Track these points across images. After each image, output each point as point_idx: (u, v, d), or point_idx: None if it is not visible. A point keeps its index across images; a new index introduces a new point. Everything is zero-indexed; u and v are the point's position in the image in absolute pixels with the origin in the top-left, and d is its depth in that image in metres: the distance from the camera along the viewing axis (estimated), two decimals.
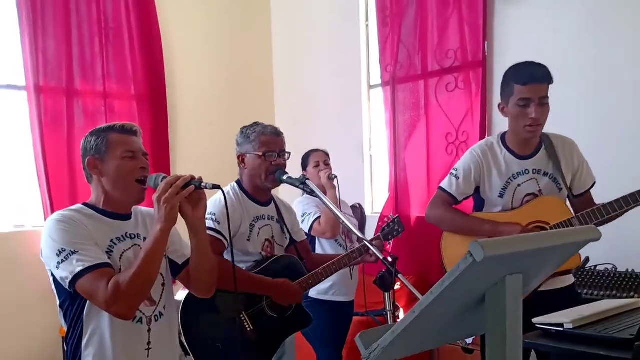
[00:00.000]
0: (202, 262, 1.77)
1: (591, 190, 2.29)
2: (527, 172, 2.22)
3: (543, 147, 2.24)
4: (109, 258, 1.65)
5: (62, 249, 1.59)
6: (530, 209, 2.20)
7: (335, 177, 3.06)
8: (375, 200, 4.49)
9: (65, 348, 1.73)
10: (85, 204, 1.75)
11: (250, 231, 2.26)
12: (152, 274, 1.62)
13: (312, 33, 4.78)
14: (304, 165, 3.19)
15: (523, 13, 3.43)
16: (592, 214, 2.11)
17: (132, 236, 1.75)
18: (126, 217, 1.77)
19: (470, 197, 2.34)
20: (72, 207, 1.74)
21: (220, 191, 1.77)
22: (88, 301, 1.63)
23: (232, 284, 1.84)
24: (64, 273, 1.58)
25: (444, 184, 2.33)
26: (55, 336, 3.73)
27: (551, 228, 2.15)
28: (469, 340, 3.13)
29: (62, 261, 1.58)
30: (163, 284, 1.79)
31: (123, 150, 1.70)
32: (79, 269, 1.56)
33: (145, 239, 1.74)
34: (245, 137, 2.28)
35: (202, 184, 1.66)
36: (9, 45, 3.85)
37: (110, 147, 1.70)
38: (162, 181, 1.65)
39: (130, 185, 1.71)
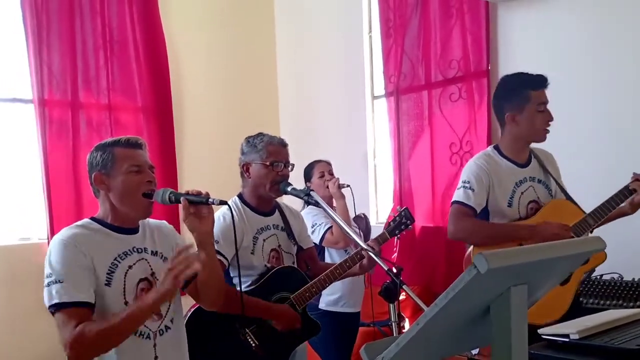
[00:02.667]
0: (210, 275, 1.78)
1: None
2: (526, 180, 2.28)
3: (533, 156, 2.33)
4: (111, 276, 1.65)
5: (50, 273, 1.61)
6: (548, 214, 2.23)
7: (348, 186, 3.05)
8: (379, 210, 4.49)
9: None
10: (92, 219, 1.76)
11: (254, 244, 2.25)
12: (127, 334, 1.61)
13: (316, 44, 4.80)
14: (308, 177, 3.18)
15: (526, 22, 3.44)
16: (601, 210, 2.18)
17: (140, 250, 1.75)
18: (133, 230, 1.77)
19: None
20: (79, 223, 1.74)
21: (220, 209, 1.78)
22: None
23: (234, 308, 1.88)
24: (45, 297, 1.61)
25: (460, 197, 2.27)
26: (60, 349, 3.72)
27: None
28: (475, 352, 3.11)
29: (47, 285, 1.61)
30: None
31: (129, 165, 1.71)
32: (54, 300, 1.58)
33: (152, 252, 1.76)
34: (251, 146, 2.28)
35: (210, 200, 1.68)
36: (14, 59, 3.89)
37: (116, 161, 1.71)
38: (169, 196, 1.68)
39: (137, 200, 1.71)
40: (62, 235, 1.67)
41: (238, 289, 1.92)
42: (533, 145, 2.33)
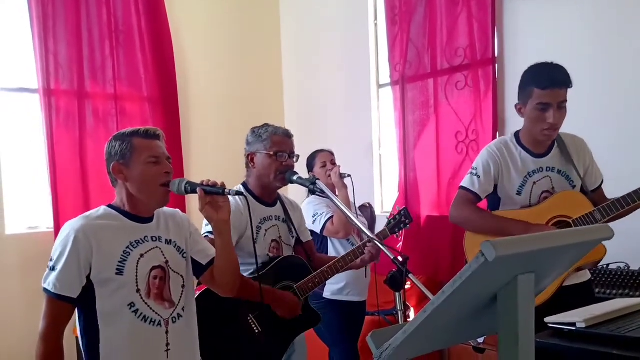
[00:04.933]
0: (227, 262, 1.83)
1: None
2: (541, 169, 2.25)
3: (556, 145, 2.27)
4: (123, 264, 1.68)
5: (51, 258, 1.69)
6: (552, 204, 2.21)
7: (349, 175, 3.05)
8: (384, 199, 4.49)
9: (82, 349, 1.76)
10: (109, 206, 1.79)
11: (257, 233, 2.26)
12: None
13: (321, 33, 4.78)
14: (310, 166, 3.17)
15: (532, 9, 3.40)
16: (613, 205, 2.12)
17: (154, 239, 1.78)
18: (148, 219, 1.79)
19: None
20: (95, 211, 1.77)
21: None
22: (101, 302, 1.68)
23: (243, 291, 1.92)
24: (44, 276, 1.69)
25: (466, 183, 2.31)
26: (70, 336, 3.75)
27: (574, 222, 2.17)
28: (480, 340, 3.11)
29: (47, 267, 1.69)
30: (183, 286, 1.81)
31: (147, 156, 1.73)
32: (44, 285, 1.69)
33: (166, 241, 1.79)
34: (257, 136, 2.29)
35: (226, 191, 1.73)
36: (20, 49, 3.89)
37: (134, 152, 1.73)
38: (185, 187, 1.72)
39: (154, 190, 1.74)
40: (74, 224, 1.70)
41: (246, 274, 1.93)
42: (563, 130, 2.27)
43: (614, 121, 3.09)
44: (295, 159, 2.32)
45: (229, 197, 1.98)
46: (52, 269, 1.67)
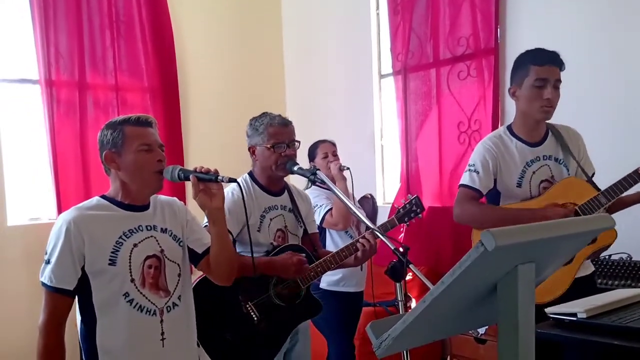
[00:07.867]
0: (222, 251, 1.81)
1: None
2: (538, 159, 2.24)
3: (550, 133, 2.27)
4: (115, 254, 1.67)
5: (46, 251, 1.68)
6: (557, 192, 2.20)
7: (348, 168, 3.04)
8: (386, 190, 4.47)
9: (79, 339, 1.76)
10: (103, 196, 1.78)
11: (261, 222, 2.26)
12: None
13: (323, 22, 4.75)
14: (312, 157, 3.17)
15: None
16: (617, 187, 2.11)
17: (149, 227, 1.77)
18: (143, 208, 1.79)
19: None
20: (88, 202, 1.77)
21: (230, 185, 1.79)
22: (97, 292, 1.68)
23: (245, 271, 1.91)
24: (41, 270, 1.69)
25: (465, 180, 2.27)
26: (73, 328, 3.77)
27: (580, 208, 2.15)
28: (482, 330, 3.12)
29: (43, 261, 1.69)
30: (179, 275, 1.81)
31: (139, 144, 1.72)
32: (41, 279, 1.68)
33: (162, 229, 1.78)
34: (254, 129, 2.28)
35: (219, 178, 1.70)
36: (21, 40, 3.88)
37: (126, 140, 1.72)
38: (178, 174, 1.71)
39: (147, 178, 1.73)
40: (65, 216, 1.69)
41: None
42: (557, 121, 2.26)
43: (613, 112, 3.07)
44: (297, 146, 2.31)
45: (236, 188, 1.97)
46: (47, 262, 1.67)
